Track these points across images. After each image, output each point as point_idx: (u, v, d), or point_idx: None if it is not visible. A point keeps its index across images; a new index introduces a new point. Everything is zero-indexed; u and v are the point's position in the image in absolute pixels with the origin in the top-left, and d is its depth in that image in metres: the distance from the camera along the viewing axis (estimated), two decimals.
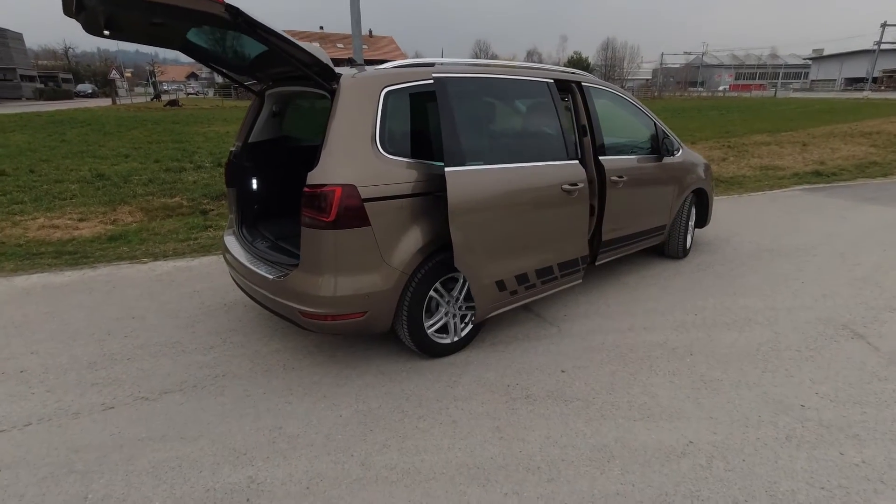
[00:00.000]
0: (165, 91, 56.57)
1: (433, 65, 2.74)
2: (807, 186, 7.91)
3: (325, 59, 2.37)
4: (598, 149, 3.46)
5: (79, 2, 2.09)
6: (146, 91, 56.87)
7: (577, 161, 3.15)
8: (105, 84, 46.94)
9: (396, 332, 2.75)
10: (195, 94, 59.40)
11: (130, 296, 3.72)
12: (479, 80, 2.84)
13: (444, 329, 2.87)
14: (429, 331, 2.77)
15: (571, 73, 3.52)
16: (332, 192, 2.31)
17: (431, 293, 2.73)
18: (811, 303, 3.59)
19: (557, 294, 3.34)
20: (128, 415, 2.37)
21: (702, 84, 75.05)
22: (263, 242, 3.14)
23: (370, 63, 3.08)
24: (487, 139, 2.91)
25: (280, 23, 2.15)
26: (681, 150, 4.25)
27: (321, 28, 50.01)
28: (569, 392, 2.56)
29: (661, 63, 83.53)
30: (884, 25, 49.80)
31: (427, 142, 2.70)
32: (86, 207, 6.11)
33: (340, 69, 2.62)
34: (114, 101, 34.75)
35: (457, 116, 2.56)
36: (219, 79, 49.73)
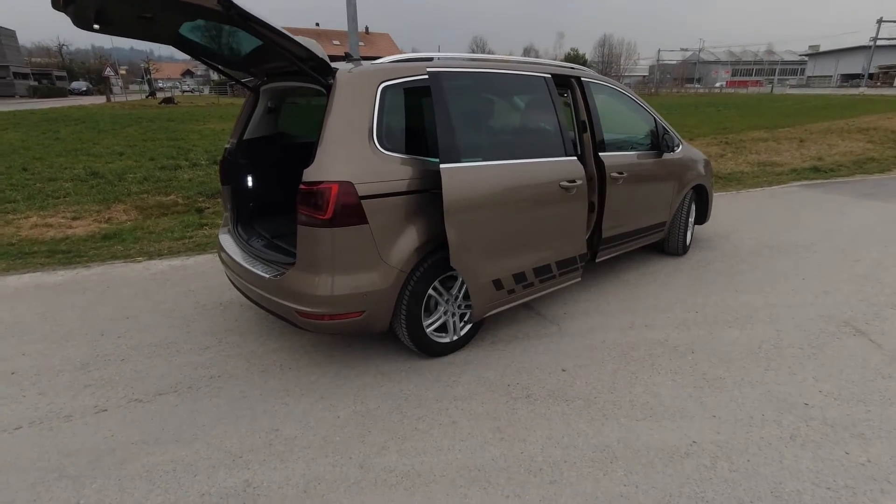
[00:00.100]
0: (160, 88, 56.20)
1: (431, 59, 2.69)
2: (805, 182, 7.90)
3: (321, 54, 2.32)
4: (598, 145, 3.42)
5: None
6: (141, 88, 56.60)
7: (576, 157, 3.11)
8: (99, 81, 46.58)
9: (395, 332, 2.71)
10: (191, 92, 59.06)
11: (124, 295, 3.67)
12: (475, 75, 2.79)
13: (443, 328, 2.83)
14: (428, 330, 2.73)
15: (571, 68, 3.48)
16: (329, 190, 2.26)
17: (430, 292, 2.69)
18: (812, 299, 3.57)
19: (557, 291, 3.30)
20: (121, 417, 2.32)
21: (698, 80, 75.12)
22: (259, 241, 3.09)
23: (366, 60, 3.03)
24: (484, 135, 2.86)
25: (275, 19, 2.10)
26: (681, 147, 4.21)
27: (317, 25, 49.88)
28: (570, 391, 2.53)
29: (658, 60, 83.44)
30: (880, 21, 49.85)
31: (425, 138, 2.65)
32: (80, 206, 6.04)
33: (336, 64, 2.57)
34: (108, 99, 34.48)
35: (452, 112, 2.51)
36: (214, 76, 49.53)
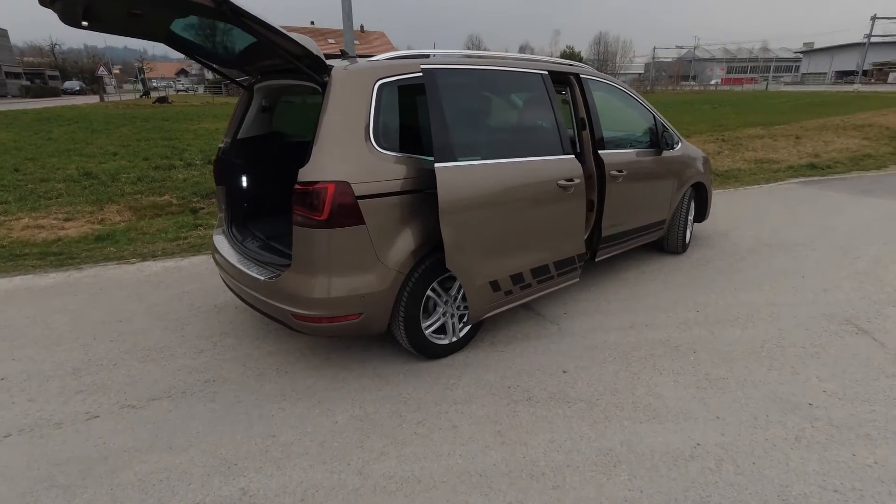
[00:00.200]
0: (155, 88, 55.82)
1: (429, 56, 2.65)
2: (802, 179, 7.90)
3: (316, 51, 2.27)
4: (598, 142, 3.38)
5: None
6: (135, 88, 56.25)
7: (573, 156, 3.06)
8: (93, 81, 46.23)
9: (393, 334, 2.66)
10: (185, 91, 58.71)
11: (117, 298, 3.61)
12: (471, 72, 2.74)
13: (442, 329, 2.79)
14: (426, 332, 2.69)
15: (569, 65, 3.43)
16: (325, 190, 2.21)
17: (429, 293, 2.64)
18: (813, 298, 3.54)
19: (556, 291, 3.26)
20: (113, 424, 2.27)
21: (694, 78, 75.33)
22: (254, 242, 3.04)
23: (362, 57, 2.97)
24: (479, 133, 2.80)
25: (269, 17, 2.04)
26: (680, 144, 4.18)
27: (312, 23, 49.61)
28: (571, 393, 2.49)
29: (654, 57, 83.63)
30: (874, 18, 50.03)
31: (423, 136, 2.61)
32: (72, 207, 5.96)
33: (332, 61, 2.52)
34: (102, 99, 34.19)
35: (447, 110, 2.46)
36: (209, 75, 49.27)
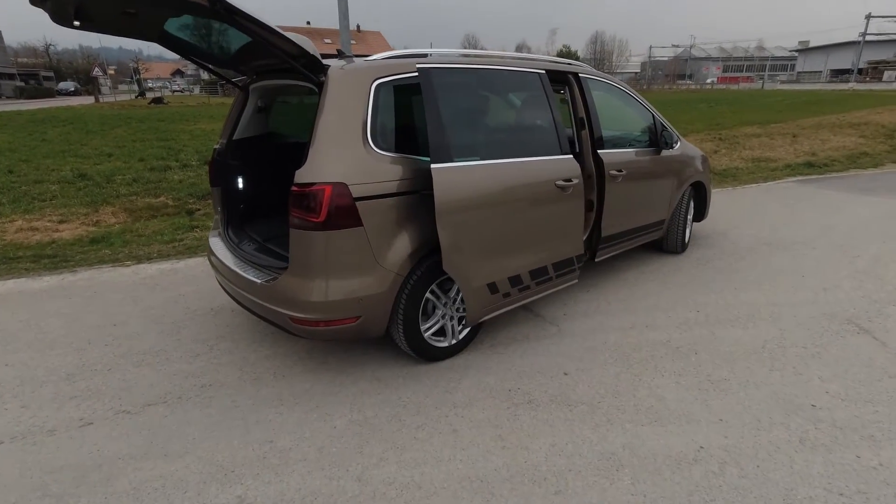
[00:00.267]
0: (150, 88, 55.54)
1: (427, 55, 2.61)
2: (800, 178, 7.90)
3: (312, 50, 2.24)
4: (597, 142, 3.35)
5: None
6: (130, 89, 55.99)
7: (571, 156, 3.02)
8: (88, 82, 45.97)
9: (392, 337, 2.63)
10: (181, 92, 58.47)
11: (112, 301, 3.56)
12: (467, 72, 2.70)
13: (442, 332, 2.76)
14: (425, 334, 2.66)
15: (568, 64, 3.41)
16: (322, 191, 2.18)
17: (427, 295, 2.61)
18: (813, 297, 3.53)
19: (556, 292, 3.24)
20: (107, 430, 2.23)
21: (690, 77, 75.47)
22: (250, 244, 3.00)
23: (359, 57, 2.94)
24: (476, 133, 2.77)
25: (265, 17, 2.01)
26: (679, 143, 4.16)
27: (308, 23, 49.45)
28: (573, 396, 2.46)
29: (650, 56, 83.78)
30: (868, 17, 50.26)
31: (421, 137, 2.57)
32: (67, 209, 5.90)
33: (328, 61, 2.48)
34: (97, 99, 34.01)
35: (443, 110, 2.43)
36: (205, 75, 49.05)
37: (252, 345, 2.96)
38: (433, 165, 2.33)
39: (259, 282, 2.48)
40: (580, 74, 3.36)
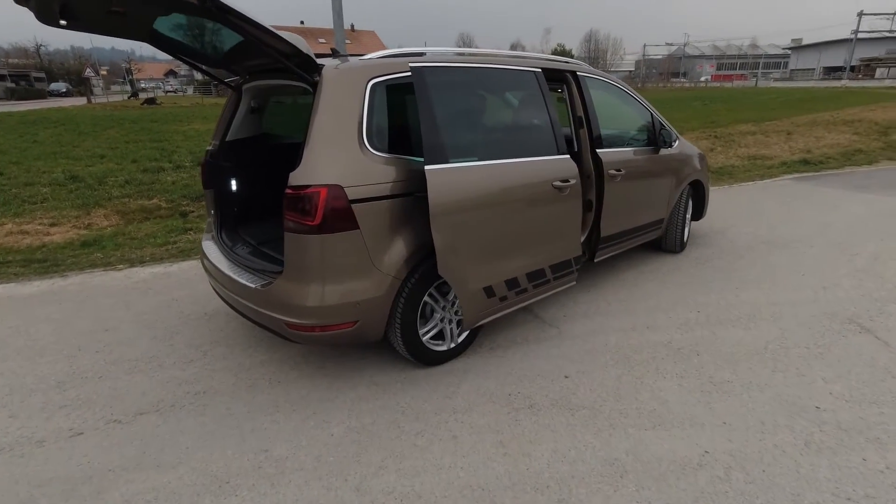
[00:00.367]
0: (143, 89, 55.23)
1: (423, 54, 2.56)
2: (796, 175, 7.90)
3: (306, 49, 2.18)
4: (595, 141, 3.31)
5: None
6: (123, 89, 55.57)
7: (569, 156, 2.98)
8: (80, 83, 45.49)
9: (389, 341, 2.58)
10: (174, 92, 58.10)
11: (104, 306, 3.50)
12: (461, 71, 2.65)
13: (440, 335, 2.71)
14: (424, 338, 2.61)
15: (566, 63, 3.37)
16: (317, 194, 2.13)
17: (426, 298, 2.57)
18: (813, 296, 3.51)
19: (555, 293, 3.20)
20: (98, 441, 2.17)
21: (684, 75, 75.72)
22: (244, 248, 2.95)
23: (353, 56, 2.88)
24: (471, 134, 2.72)
25: (257, 15, 1.95)
26: (677, 141, 4.13)
27: (301, 23, 49.28)
28: (574, 400, 2.42)
29: (644, 54, 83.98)
30: (860, 14, 50.55)
31: (417, 137, 2.52)
32: (58, 211, 5.82)
33: (322, 60, 2.43)
34: (89, 100, 33.74)
35: (437, 110, 2.37)
36: (198, 76, 48.77)
37: (247, 350, 2.91)
38: (427, 167, 2.28)
39: (253, 286, 2.43)
40: (578, 73, 3.32)
